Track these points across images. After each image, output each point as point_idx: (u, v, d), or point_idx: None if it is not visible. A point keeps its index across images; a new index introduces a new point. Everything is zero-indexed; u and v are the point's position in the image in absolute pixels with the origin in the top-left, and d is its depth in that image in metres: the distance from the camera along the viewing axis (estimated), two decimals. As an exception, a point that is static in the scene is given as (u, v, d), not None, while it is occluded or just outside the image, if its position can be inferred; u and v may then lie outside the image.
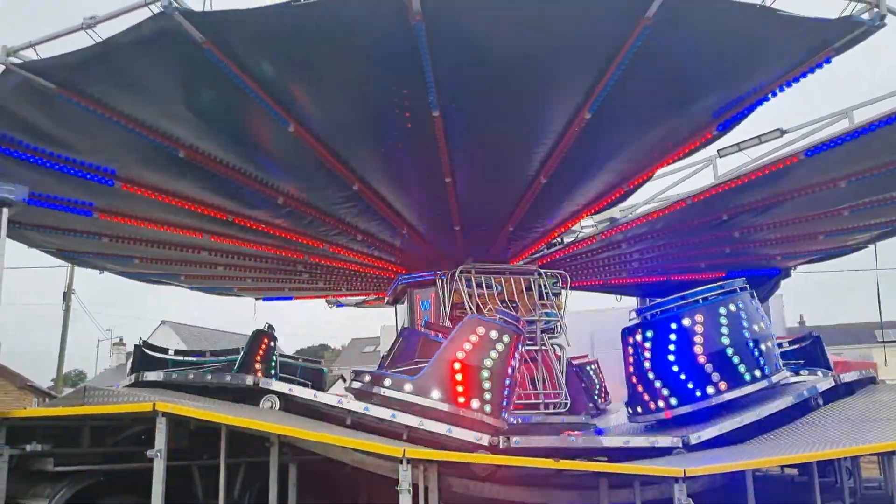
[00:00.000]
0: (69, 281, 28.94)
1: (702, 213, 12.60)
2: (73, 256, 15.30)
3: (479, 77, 8.12)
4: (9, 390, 20.33)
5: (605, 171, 10.73)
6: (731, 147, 12.99)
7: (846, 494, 9.76)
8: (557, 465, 7.41)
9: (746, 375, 8.86)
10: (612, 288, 17.51)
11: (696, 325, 8.99)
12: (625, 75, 8.00)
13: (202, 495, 8.61)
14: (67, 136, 9.39)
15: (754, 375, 8.88)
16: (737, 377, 8.84)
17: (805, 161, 10.58)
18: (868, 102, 10.86)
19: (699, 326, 8.98)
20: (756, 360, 8.90)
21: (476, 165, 10.05)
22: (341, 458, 8.19)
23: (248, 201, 11.13)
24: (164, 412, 7.08)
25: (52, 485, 7.52)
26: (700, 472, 7.15)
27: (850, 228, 13.54)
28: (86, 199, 11.12)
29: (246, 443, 8.46)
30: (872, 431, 7.93)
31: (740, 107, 9.25)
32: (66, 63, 7.86)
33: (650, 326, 9.31)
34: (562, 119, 8.98)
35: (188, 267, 14.74)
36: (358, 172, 10.20)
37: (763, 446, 8.18)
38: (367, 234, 12.33)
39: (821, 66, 8.36)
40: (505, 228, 11.81)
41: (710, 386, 8.85)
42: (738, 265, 15.20)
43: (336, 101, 8.68)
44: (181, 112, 8.93)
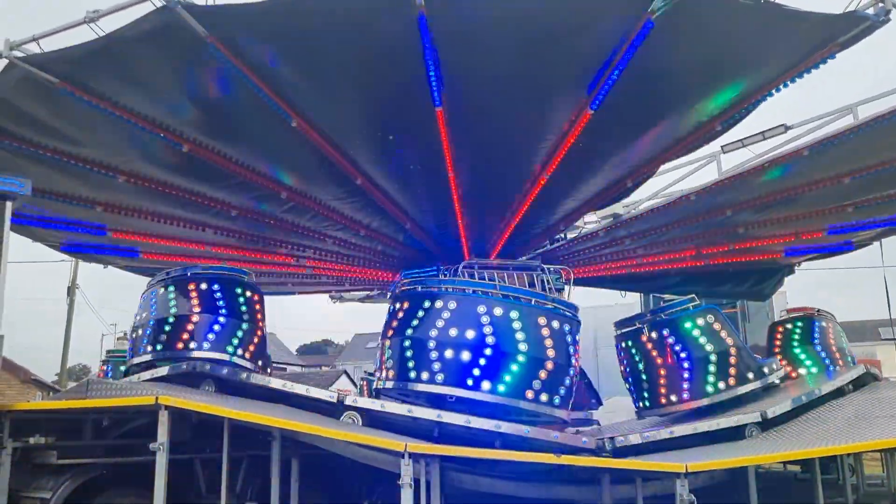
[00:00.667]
0: (73, 275, 29.00)
1: (705, 208, 12.57)
2: (76, 250, 15.32)
3: (482, 71, 8.11)
4: (13, 384, 20.38)
5: (608, 167, 10.71)
6: (734, 143, 12.99)
7: (849, 491, 9.75)
8: (559, 460, 7.42)
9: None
10: (616, 283, 17.47)
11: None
12: (629, 70, 7.98)
13: (204, 489, 8.64)
14: (70, 131, 9.40)
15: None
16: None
17: (809, 157, 10.55)
18: (872, 98, 10.84)
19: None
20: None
21: (479, 160, 10.04)
22: (344, 453, 8.21)
23: (251, 195, 11.14)
24: (166, 405, 7.09)
25: (56, 477, 7.55)
26: (702, 467, 7.16)
27: (855, 225, 13.50)
28: (89, 192, 11.15)
29: (249, 437, 8.47)
30: (875, 428, 7.92)
31: (744, 103, 9.22)
32: (68, 57, 7.88)
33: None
34: (565, 115, 8.96)
35: (192, 261, 14.74)
36: (360, 167, 10.20)
37: (766, 442, 8.18)
38: (370, 229, 12.33)
39: (825, 61, 8.33)
40: (508, 223, 11.79)
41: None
42: (741, 261, 15.16)
43: (338, 95, 8.68)
44: (184, 106, 8.95)
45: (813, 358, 12.05)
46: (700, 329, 9.70)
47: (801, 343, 12.26)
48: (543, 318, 8.48)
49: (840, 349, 12.21)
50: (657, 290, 17.45)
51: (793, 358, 12.10)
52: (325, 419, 8.27)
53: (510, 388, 8.19)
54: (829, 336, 12.30)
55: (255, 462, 8.80)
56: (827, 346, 12.17)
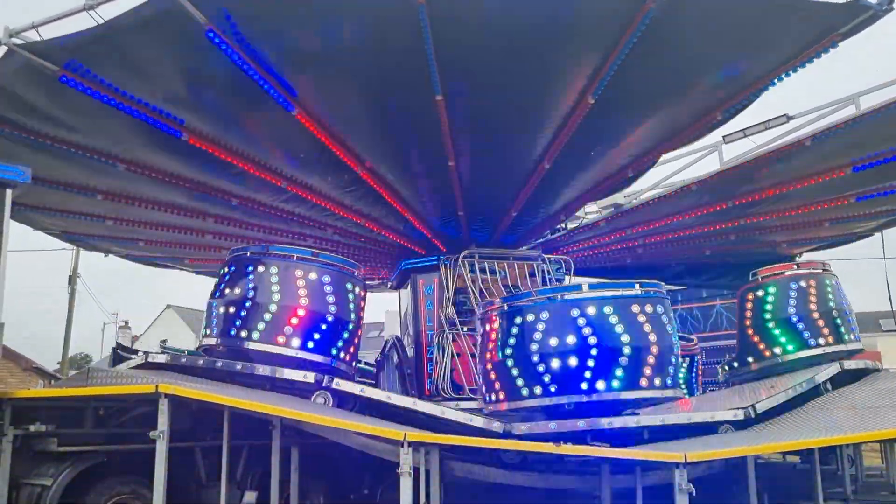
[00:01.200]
0: (74, 264, 29.00)
1: (707, 199, 12.55)
2: (78, 239, 15.35)
3: (483, 60, 8.08)
4: (14, 372, 20.42)
5: (609, 156, 10.69)
6: (736, 133, 12.94)
7: (847, 482, 9.77)
8: (559, 449, 7.42)
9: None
10: (617, 273, 17.46)
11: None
12: (629, 59, 7.95)
13: (205, 477, 8.66)
14: (70, 119, 9.39)
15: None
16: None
17: (811, 147, 10.52)
18: (875, 88, 10.79)
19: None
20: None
21: (479, 150, 10.02)
22: (344, 442, 8.23)
23: (252, 185, 11.13)
24: (166, 393, 7.10)
25: (56, 465, 7.58)
26: (701, 457, 7.16)
27: (856, 216, 13.48)
28: (90, 181, 11.14)
29: (249, 425, 8.49)
30: (874, 419, 7.93)
31: (746, 92, 9.18)
32: (68, 45, 7.86)
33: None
34: (565, 103, 8.93)
35: (192, 250, 14.76)
36: (361, 156, 10.18)
37: (765, 433, 8.19)
38: (371, 219, 12.32)
39: (827, 50, 8.29)
40: (508, 213, 11.78)
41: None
42: (742, 252, 15.15)
43: (339, 85, 8.65)
44: (184, 95, 8.93)
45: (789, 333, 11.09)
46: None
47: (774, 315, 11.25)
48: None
49: (825, 313, 11.07)
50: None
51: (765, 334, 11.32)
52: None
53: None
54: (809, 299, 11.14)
55: (256, 450, 8.83)
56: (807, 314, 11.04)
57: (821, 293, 11.05)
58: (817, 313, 10.91)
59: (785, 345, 10.96)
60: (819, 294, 11.04)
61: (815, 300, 11.01)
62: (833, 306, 11.02)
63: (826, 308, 10.99)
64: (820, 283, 11.16)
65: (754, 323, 11.41)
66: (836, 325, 10.93)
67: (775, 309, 11.14)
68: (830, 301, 11.05)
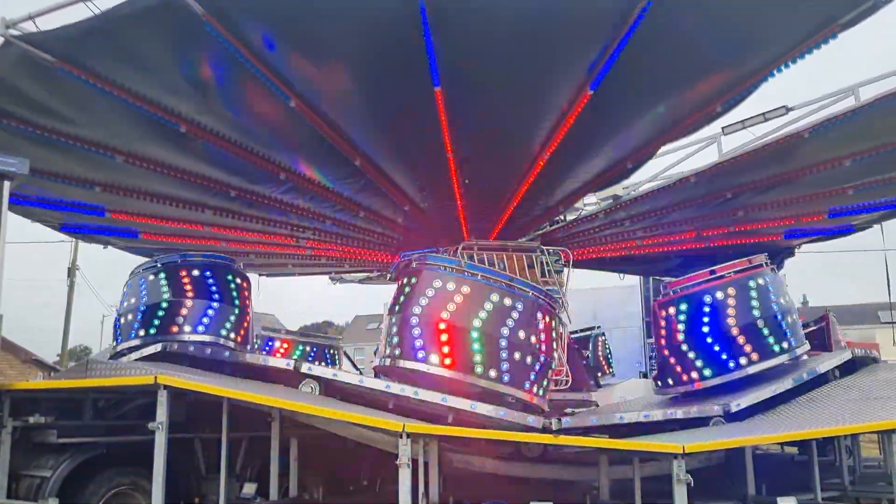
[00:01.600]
0: (73, 256, 29.00)
1: (706, 190, 12.53)
2: (76, 231, 15.32)
3: (482, 52, 8.06)
4: (14, 364, 20.45)
5: (608, 148, 10.68)
6: (735, 124, 12.91)
7: (845, 473, 9.78)
8: (556, 440, 7.44)
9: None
10: (615, 265, 17.47)
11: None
12: (628, 51, 7.94)
13: (204, 469, 8.69)
14: (68, 110, 9.37)
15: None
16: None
17: (810, 139, 10.50)
18: (875, 79, 10.77)
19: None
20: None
21: (478, 141, 10.01)
22: (343, 433, 8.24)
23: (250, 176, 11.12)
24: (165, 385, 7.10)
25: (56, 456, 7.59)
26: (699, 448, 7.17)
27: (856, 208, 13.47)
28: (88, 173, 11.12)
29: (248, 417, 8.51)
30: (872, 410, 7.94)
31: (745, 83, 9.17)
32: (65, 36, 7.85)
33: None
34: (564, 95, 8.92)
35: (191, 242, 14.75)
36: (359, 147, 10.17)
37: (763, 423, 8.19)
38: (370, 210, 12.31)
39: (827, 41, 8.27)
40: (507, 205, 11.77)
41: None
42: (741, 243, 15.15)
43: (337, 75, 8.64)
44: (182, 86, 8.91)
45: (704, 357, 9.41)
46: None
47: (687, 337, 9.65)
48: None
49: (746, 327, 9.28)
50: (657, 273, 17.47)
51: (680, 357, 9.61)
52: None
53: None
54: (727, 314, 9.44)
55: (255, 442, 8.85)
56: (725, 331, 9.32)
57: (742, 303, 9.31)
58: (737, 329, 9.18)
59: (701, 369, 9.29)
60: (740, 304, 9.30)
61: (735, 313, 9.29)
62: (759, 315, 9.26)
63: (749, 320, 9.26)
64: (742, 289, 9.37)
65: (668, 344, 9.71)
66: (761, 338, 9.23)
67: (687, 329, 9.43)
68: (755, 310, 9.31)
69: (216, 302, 9.80)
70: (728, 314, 9.22)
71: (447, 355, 8.17)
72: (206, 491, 8.55)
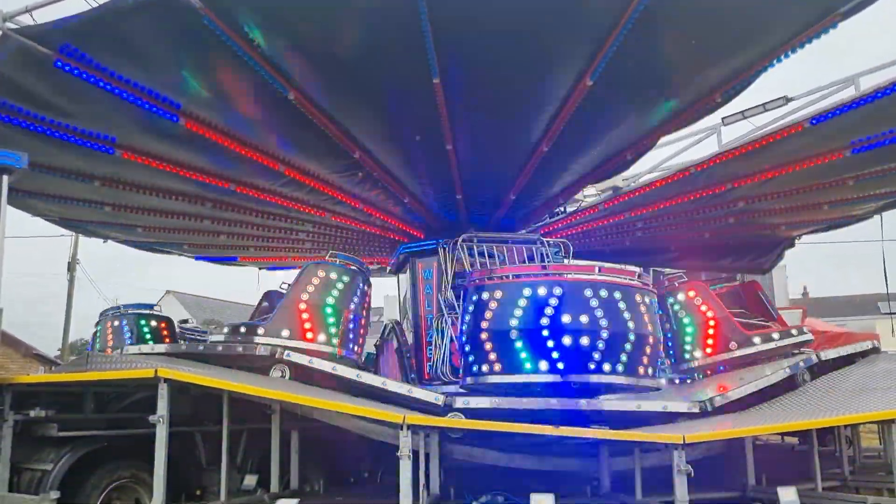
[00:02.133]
0: (73, 250, 28.96)
1: (705, 182, 12.51)
2: (76, 225, 15.31)
3: (481, 42, 8.03)
4: (15, 358, 20.46)
5: (607, 139, 10.65)
6: (735, 115, 12.92)
7: (845, 463, 9.81)
8: (557, 431, 7.45)
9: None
10: (615, 257, 17.46)
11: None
12: (628, 41, 7.90)
13: (205, 461, 8.71)
14: (66, 104, 9.33)
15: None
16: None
17: (810, 129, 10.48)
18: (875, 69, 10.75)
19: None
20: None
21: (477, 133, 9.98)
22: (344, 426, 8.26)
23: (249, 170, 11.10)
24: (166, 378, 7.11)
25: (57, 450, 7.62)
26: (700, 438, 7.20)
27: (855, 198, 13.45)
28: (87, 167, 11.10)
29: (249, 409, 8.52)
30: (872, 400, 7.95)
31: (745, 74, 9.13)
32: (62, 28, 7.80)
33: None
34: (564, 86, 8.89)
35: (191, 235, 14.75)
36: (358, 140, 10.15)
37: (763, 414, 8.21)
38: (368, 203, 12.30)
39: (827, 31, 8.24)
40: (507, 197, 11.76)
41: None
42: (741, 234, 15.14)
43: (334, 68, 8.60)
44: (180, 79, 8.87)
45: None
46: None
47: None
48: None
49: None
50: (657, 264, 17.45)
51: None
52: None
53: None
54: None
55: (256, 434, 8.87)
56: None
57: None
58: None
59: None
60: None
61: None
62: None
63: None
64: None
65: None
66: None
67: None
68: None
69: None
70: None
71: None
72: (208, 483, 8.57)
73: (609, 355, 8.14)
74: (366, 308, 10.43)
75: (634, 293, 8.49)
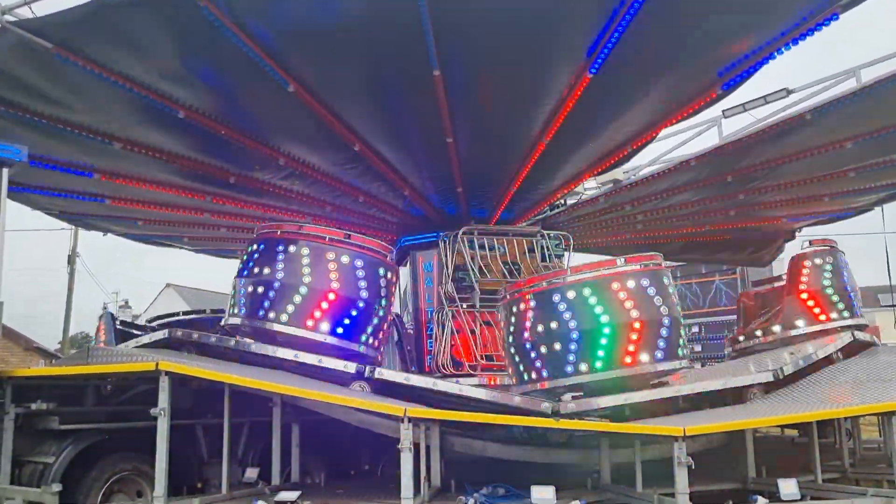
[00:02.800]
0: (73, 244, 28.97)
1: (706, 174, 12.51)
2: (76, 218, 15.31)
3: (481, 34, 8.01)
4: (15, 352, 20.47)
5: (608, 132, 10.64)
6: (736, 107, 12.90)
7: (846, 455, 9.82)
8: (558, 424, 7.46)
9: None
10: (615, 250, 17.47)
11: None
12: (628, 34, 7.89)
13: (206, 454, 8.72)
14: (66, 97, 9.32)
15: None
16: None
17: (811, 121, 10.47)
18: (876, 61, 10.73)
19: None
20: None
21: (477, 125, 9.98)
22: (345, 419, 8.27)
23: (249, 162, 11.09)
24: (167, 371, 7.10)
25: (58, 443, 7.62)
26: (700, 431, 7.20)
27: (856, 190, 13.45)
28: (86, 160, 11.09)
29: (251, 402, 8.52)
30: (872, 392, 7.95)
31: (745, 65, 9.12)
32: (62, 21, 7.78)
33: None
34: (565, 78, 8.88)
35: (191, 228, 14.75)
36: (359, 133, 10.13)
37: (764, 406, 8.21)
38: (369, 196, 12.29)
39: (828, 22, 8.22)
40: (507, 190, 11.76)
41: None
42: (742, 227, 15.15)
43: (336, 60, 8.57)
44: (180, 72, 8.86)
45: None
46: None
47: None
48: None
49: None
50: (657, 257, 17.47)
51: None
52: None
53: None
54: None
55: (257, 428, 8.88)
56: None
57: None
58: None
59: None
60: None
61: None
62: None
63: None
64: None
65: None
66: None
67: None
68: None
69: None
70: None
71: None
72: (209, 476, 8.59)
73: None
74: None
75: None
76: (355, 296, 8.59)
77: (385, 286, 8.97)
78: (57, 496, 7.05)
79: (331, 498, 7.80)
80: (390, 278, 9.12)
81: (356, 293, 8.62)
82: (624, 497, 7.63)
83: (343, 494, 8.06)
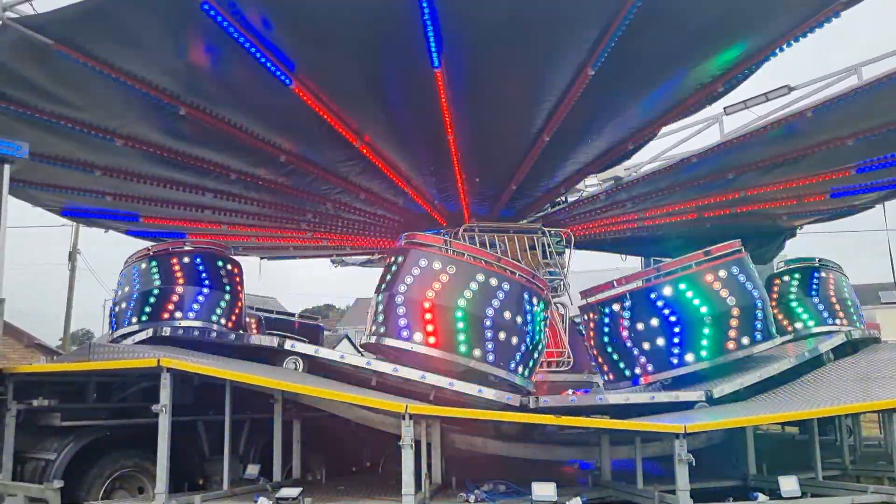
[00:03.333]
0: (74, 240, 28.98)
1: (707, 171, 12.49)
2: (77, 215, 15.31)
3: (481, 32, 8.00)
4: (17, 348, 20.45)
5: (609, 129, 10.63)
6: (737, 104, 12.87)
7: (846, 452, 9.82)
8: (559, 421, 7.46)
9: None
10: (616, 247, 17.46)
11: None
12: (629, 30, 7.87)
13: (208, 451, 8.73)
14: (67, 93, 9.32)
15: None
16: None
17: (812, 119, 10.45)
18: (877, 59, 10.71)
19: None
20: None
21: (478, 122, 9.96)
22: (346, 415, 8.27)
23: (251, 159, 11.08)
24: (168, 367, 7.11)
25: (60, 439, 7.64)
26: (700, 428, 7.20)
27: (858, 188, 13.42)
28: (88, 157, 11.09)
29: (251, 399, 8.53)
30: (873, 389, 7.95)
31: (747, 63, 9.10)
32: (63, 18, 7.78)
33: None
34: (565, 75, 8.86)
35: (192, 226, 14.74)
36: (359, 130, 10.13)
37: (764, 404, 8.21)
38: (370, 193, 12.29)
39: (830, 20, 8.21)
40: (508, 187, 11.75)
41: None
42: (743, 224, 15.11)
43: (336, 57, 8.57)
44: (181, 68, 8.86)
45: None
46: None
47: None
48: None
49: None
50: (658, 254, 17.43)
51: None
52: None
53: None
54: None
55: (258, 424, 8.89)
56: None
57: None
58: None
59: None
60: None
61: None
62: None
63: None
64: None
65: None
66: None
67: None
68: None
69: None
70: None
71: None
72: (210, 472, 8.61)
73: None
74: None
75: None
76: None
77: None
78: (59, 492, 7.07)
79: (332, 494, 7.82)
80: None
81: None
82: (625, 494, 7.64)
83: (344, 491, 8.06)
